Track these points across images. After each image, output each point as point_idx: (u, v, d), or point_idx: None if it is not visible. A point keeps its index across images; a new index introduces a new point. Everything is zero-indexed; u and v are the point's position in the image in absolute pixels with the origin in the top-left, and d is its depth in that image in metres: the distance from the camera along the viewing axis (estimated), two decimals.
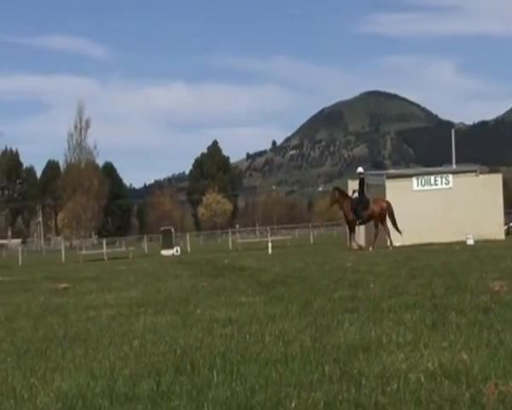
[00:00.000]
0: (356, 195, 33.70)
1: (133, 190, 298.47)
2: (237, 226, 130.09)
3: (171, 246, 51.75)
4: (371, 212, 33.25)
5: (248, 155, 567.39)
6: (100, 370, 6.50)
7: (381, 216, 33.50)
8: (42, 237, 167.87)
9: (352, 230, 33.88)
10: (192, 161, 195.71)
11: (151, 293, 13.76)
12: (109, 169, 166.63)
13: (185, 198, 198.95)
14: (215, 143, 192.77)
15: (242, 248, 50.58)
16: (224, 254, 38.26)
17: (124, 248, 61.41)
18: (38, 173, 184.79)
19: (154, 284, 15.60)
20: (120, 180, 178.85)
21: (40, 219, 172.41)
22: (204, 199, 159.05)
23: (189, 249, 56.75)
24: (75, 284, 17.25)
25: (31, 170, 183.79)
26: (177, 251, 51.03)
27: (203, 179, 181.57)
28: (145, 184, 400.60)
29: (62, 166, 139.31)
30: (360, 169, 35.10)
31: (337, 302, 10.14)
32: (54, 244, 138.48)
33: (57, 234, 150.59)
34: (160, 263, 30.81)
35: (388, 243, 32.55)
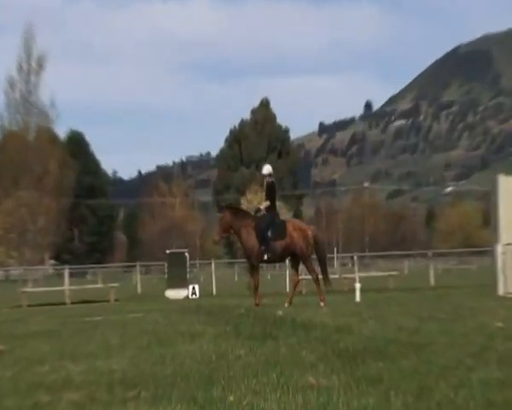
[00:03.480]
0: (263, 212, 21.77)
1: (119, 183, 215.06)
2: None
3: (183, 282, 34.96)
4: (290, 242, 21.33)
5: (322, 127, 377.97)
6: None
7: (306, 250, 21.47)
8: None
9: (254, 268, 21.86)
10: (223, 135, 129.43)
11: (148, 364, 9.84)
12: (78, 144, 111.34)
13: (210, 198, 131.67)
14: (264, 104, 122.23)
15: (308, 290, 33.00)
16: (278, 300, 25.58)
17: (100, 285, 42.67)
18: None
19: (152, 350, 11.47)
20: (97, 165, 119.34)
21: None
22: (243, 201, 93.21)
23: (214, 289, 38.79)
24: (14, 344, 12.98)
25: None
26: (194, 292, 34.57)
27: (242, 166, 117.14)
28: (140, 173, 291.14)
29: None
30: (267, 169, 22.01)
31: (477, 391, 7.08)
32: None
33: None
34: (165, 312, 21.03)
35: (320, 301, 20.87)
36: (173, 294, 34.28)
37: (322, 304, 20.39)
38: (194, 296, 34.25)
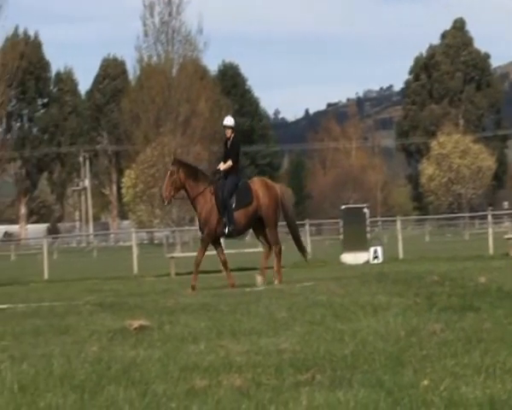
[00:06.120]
0: (222, 175, 18.67)
1: (282, 125, 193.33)
2: (505, 204, 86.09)
3: (363, 244, 30.91)
4: (256, 205, 18.42)
5: None
6: None
7: (272, 213, 18.83)
8: (90, 219, 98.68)
9: (208, 242, 18.71)
10: (408, 65, 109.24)
11: (322, 343, 8.83)
12: (232, 79, 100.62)
13: (393, 142, 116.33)
14: (458, 26, 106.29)
15: None
16: (479, 265, 23.08)
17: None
18: (83, 86, 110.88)
19: (327, 325, 10.25)
20: (255, 104, 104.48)
21: (86, 182, 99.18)
22: (433, 144, 79.64)
23: (401, 252, 33.56)
24: (162, 319, 11.53)
25: (65, 79, 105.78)
26: (376, 255, 30.42)
27: (431, 102, 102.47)
28: (307, 113, 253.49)
29: (132, 71, 77.18)
30: (229, 120, 18.87)
31: None
32: (114, 236, 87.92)
33: (122, 215, 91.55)
34: (341, 280, 18.74)
35: (276, 279, 18.69)
36: (351, 258, 30.00)
37: (276, 281, 18.21)
38: (376, 261, 29.84)
